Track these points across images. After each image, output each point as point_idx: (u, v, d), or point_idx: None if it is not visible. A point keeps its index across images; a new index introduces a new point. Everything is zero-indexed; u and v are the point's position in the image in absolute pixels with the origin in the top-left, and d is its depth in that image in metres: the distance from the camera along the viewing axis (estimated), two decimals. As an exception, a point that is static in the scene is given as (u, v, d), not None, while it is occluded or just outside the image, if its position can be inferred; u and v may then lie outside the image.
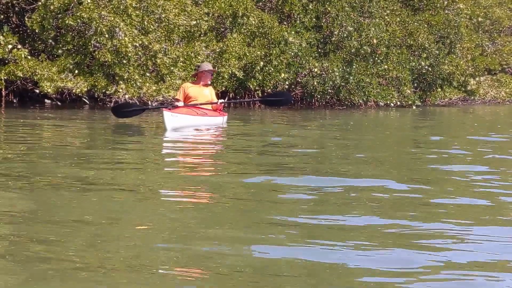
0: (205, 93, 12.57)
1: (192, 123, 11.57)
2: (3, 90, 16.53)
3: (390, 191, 5.37)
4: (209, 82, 12.87)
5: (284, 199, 5.04)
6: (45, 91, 15.57)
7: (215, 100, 12.69)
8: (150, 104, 15.90)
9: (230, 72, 18.48)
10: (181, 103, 12.18)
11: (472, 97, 31.63)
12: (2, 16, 17.01)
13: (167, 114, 11.03)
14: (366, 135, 10.96)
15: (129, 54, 15.54)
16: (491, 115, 23.66)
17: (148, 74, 16.37)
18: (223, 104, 13.19)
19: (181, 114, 11.44)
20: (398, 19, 25.80)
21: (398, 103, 24.78)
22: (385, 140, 9.61)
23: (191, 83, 12.94)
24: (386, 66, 24.14)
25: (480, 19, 32.98)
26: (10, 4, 16.82)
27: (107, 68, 15.74)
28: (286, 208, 4.76)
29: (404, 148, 9.10)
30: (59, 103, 17.17)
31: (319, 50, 22.42)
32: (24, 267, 3.34)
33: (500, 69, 34.59)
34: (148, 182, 5.77)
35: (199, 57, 17.37)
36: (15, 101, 17.22)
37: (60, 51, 15.82)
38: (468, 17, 31.37)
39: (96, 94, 16.32)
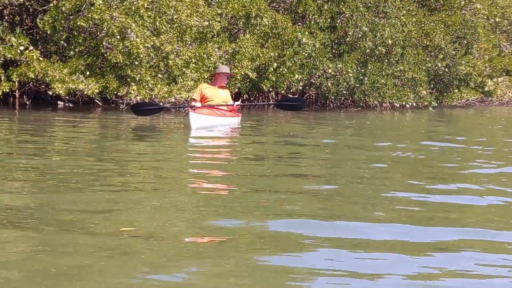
0: (221, 94, 13.00)
1: (213, 123, 12.08)
2: (17, 91, 16.52)
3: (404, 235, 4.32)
4: (225, 85, 13.33)
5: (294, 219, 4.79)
6: (57, 93, 15.55)
7: (230, 101, 13.19)
8: (162, 104, 15.84)
9: (243, 73, 18.40)
10: (198, 104, 12.54)
11: (490, 98, 31.38)
12: (17, 18, 17.04)
13: (192, 115, 11.50)
14: (382, 144, 10.37)
15: (141, 55, 15.48)
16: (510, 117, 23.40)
17: (160, 76, 16.31)
18: (238, 105, 13.66)
19: (204, 114, 11.98)
20: (414, 19, 25.63)
21: (414, 104, 24.61)
22: (402, 157, 8.49)
23: (207, 84, 13.35)
24: (402, 67, 23.96)
25: (497, 19, 32.71)
26: (23, 6, 16.82)
27: (119, 70, 15.69)
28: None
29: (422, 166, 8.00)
30: (71, 105, 17.16)
31: (333, 51, 22.29)
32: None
33: (518, 70, 34.28)
34: (168, 189, 5.66)
35: (211, 58, 17.30)
36: (28, 102, 17.21)
37: (71, 53, 15.79)
38: (485, 17, 31.14)
39: (108, 95, 16.27)
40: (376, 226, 4.32)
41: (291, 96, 20.39)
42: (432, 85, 26.59)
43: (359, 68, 22.15)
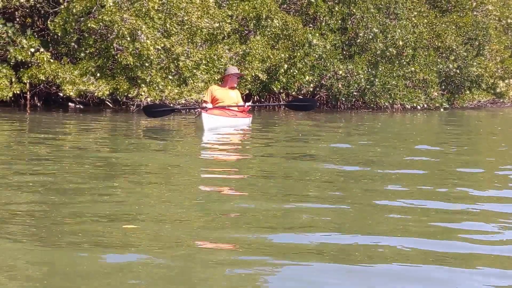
0: (232, 95, 13.10)
1: (225, 124, 12.20)
2: (28, 93, 16.56)
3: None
4: (235, 85, 13.45)
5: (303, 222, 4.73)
6: (67, 94, 15.57)
7: (241, 102, 13.31)
8: (173, 106, 15.85)
9: (253, 74, 18.39)
10: (209, 105, 12.66)
11: (502, 100, 31.22)
12: (28, 19, 17.06)
13: (205, 116, 11.64)
14: (394, 152, 9.87)
15: (151, 57, 15.49)
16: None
17: (170, 77, 16.32)
18: (249, 106, 13.74)
19: (216, 115, 12.10)
20: (425, 20, 25.53)
21: (425, 105, 24.52)
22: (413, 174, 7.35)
23: (218, 86, 13.49)
24: (413, 68, 23.88)
25: (509, 20, 32.53)
26: (34, 8, 16.86)
27: (129, 71, 15.71)
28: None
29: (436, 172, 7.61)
30: (81, 107, 17.18)
31: (344, 52, 22.24)
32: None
33: (530, 71, 34.03)
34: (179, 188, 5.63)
35: (222, 60, 17.29)
36: (39, 104, 17.25)
37: (82, 54, 15.82)
38: (497, 18, 30.99)
39: (118, 97, 16.29)
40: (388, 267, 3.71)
41: (301, 97, 20.36)
42: (443, 87, 26.48)
43: (370, 70, 22.09)
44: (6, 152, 7.98)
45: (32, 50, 15.30)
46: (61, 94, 16.12)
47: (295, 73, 20.04)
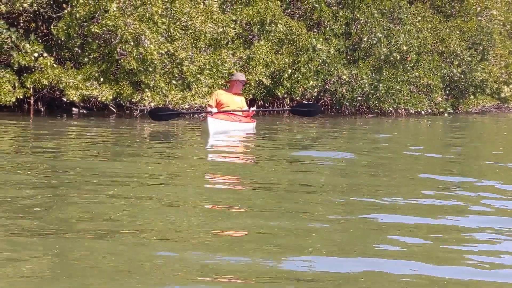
0: (236, 101, 13.21)
1: (231, 128, 12.33)
2: (31, 98, 16.54)
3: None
4: (240, 92, 13.54)
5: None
6: (71, 99, 15.54)
7: (245, 107, 13.38)
8: (177, 110, 15.82)
9: (257, 79, 18.36)
10: (214, 109, 12.73)
11: (506, 105, 31.18)
12: (32, 24, 17.06)
13: (210, 120, 11.81)
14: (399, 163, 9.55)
15: (155, 62, 15.46)
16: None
17: (174, 82, 16.29)
18: (253, 111, 13.83)
19: (222, 120, 12.26)
20: (429, 25, 25.50)
21: (429, 110, 24.48)
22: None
23: (223, 91, 13.57)
24: (417, 73, 23.85)
25: (514, 25, 32.50)
26: (38, 13, 16.85)
27: (133, 76, 15.68)
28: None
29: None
30: (85, 112, 17.15)
31: (348, 57, 22.22)
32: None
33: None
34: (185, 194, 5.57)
35: (225, 65, 17.27)
36: (42, 109, 17.23)
37: (86, 59, 15.79)
38: (501, 23, 30.95)
39: (122, 102, 16.26)
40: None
41: (305, 102, 20.34)
42: (447, 92, 26.44)
43: (374, 75, 22.05)
44: (9, 156, 7.94)
45: (36, 55, 15.29)
46: (65, 99, 16.10)
47: (299, 78, 20.01)
